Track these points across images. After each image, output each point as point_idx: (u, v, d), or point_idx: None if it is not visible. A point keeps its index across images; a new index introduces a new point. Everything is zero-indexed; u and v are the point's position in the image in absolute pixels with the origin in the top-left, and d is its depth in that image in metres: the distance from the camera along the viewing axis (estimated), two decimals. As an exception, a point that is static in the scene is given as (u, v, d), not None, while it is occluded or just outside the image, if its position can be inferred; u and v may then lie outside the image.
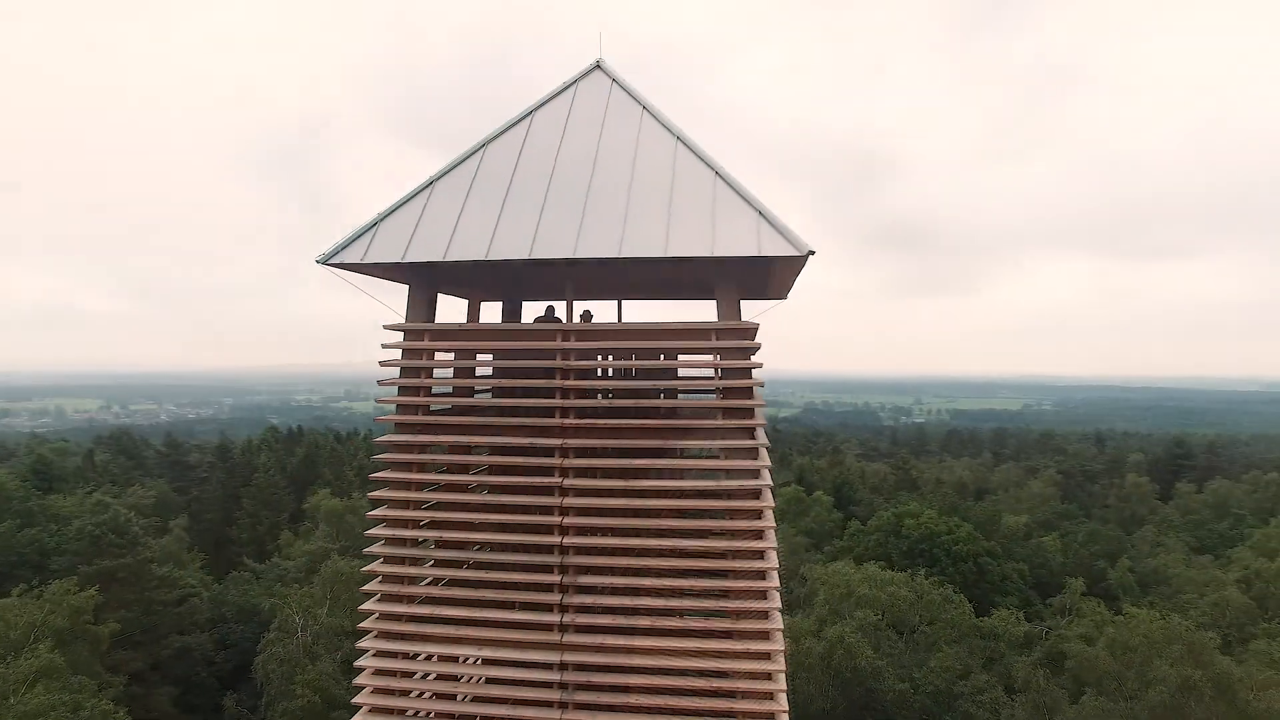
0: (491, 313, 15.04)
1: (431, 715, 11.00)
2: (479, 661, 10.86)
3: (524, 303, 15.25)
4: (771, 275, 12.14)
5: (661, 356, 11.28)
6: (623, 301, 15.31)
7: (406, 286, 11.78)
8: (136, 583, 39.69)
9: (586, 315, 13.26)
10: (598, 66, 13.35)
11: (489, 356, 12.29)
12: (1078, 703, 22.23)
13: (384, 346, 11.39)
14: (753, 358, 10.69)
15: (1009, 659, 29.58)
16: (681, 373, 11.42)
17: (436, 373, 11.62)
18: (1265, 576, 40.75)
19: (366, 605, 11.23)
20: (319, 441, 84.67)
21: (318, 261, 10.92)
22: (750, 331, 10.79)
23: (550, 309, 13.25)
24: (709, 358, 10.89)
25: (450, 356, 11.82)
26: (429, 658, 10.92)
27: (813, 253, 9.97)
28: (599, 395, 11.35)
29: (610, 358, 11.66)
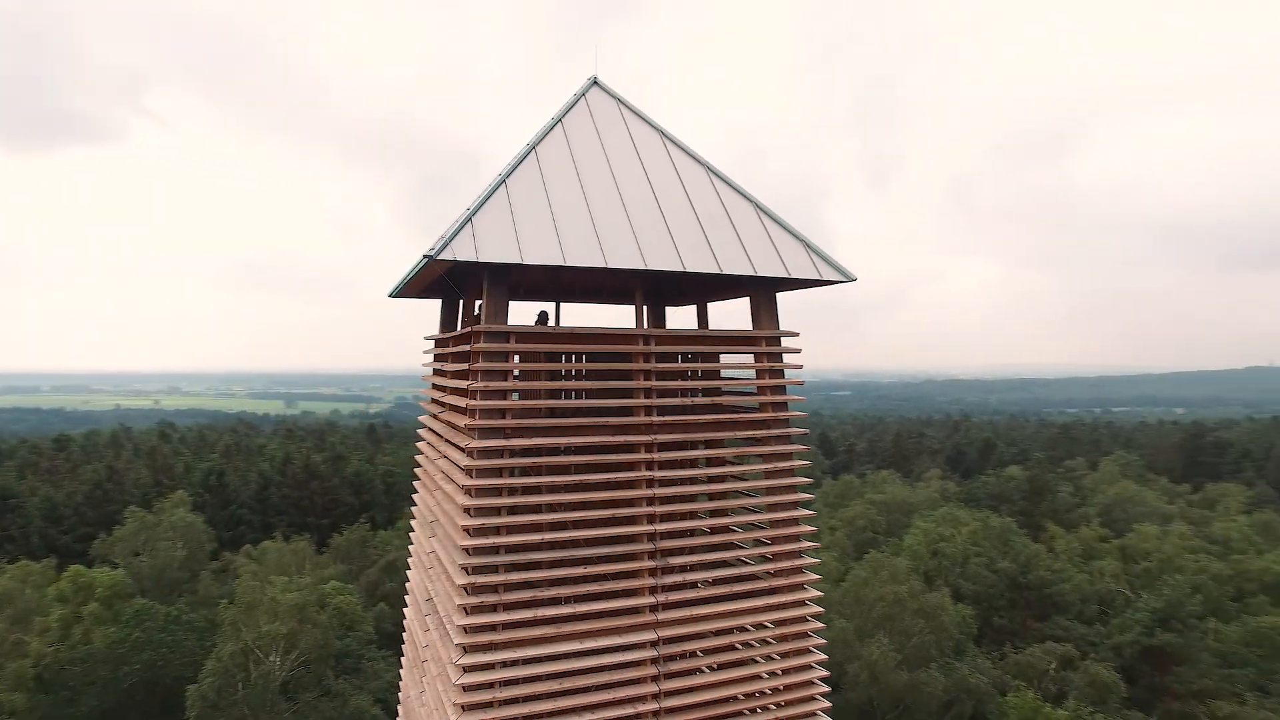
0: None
1: (531, 717, 11.03)
2: (575, 655, 11.26)
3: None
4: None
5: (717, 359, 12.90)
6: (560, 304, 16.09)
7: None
8: None
9: (543, 317, 14.08)
10: (595, 83, 14.19)
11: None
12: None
13: (474, 350, 11.03)
14: (791, 360, 12.98)
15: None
16: (728, 374, 13.18)
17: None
18: (867, 516, 55.09)
19: (458, 620, 10.78)
20: None
21: (426, 256, 10.18)
22: (789, 337, 13.04)
23: (545, 314, 13.92)
24: (749, 359, 12.90)
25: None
26: (527, 661, 10.97)
27: (855, 279, 12.70)
28: (679, 395, 12.46)
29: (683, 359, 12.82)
